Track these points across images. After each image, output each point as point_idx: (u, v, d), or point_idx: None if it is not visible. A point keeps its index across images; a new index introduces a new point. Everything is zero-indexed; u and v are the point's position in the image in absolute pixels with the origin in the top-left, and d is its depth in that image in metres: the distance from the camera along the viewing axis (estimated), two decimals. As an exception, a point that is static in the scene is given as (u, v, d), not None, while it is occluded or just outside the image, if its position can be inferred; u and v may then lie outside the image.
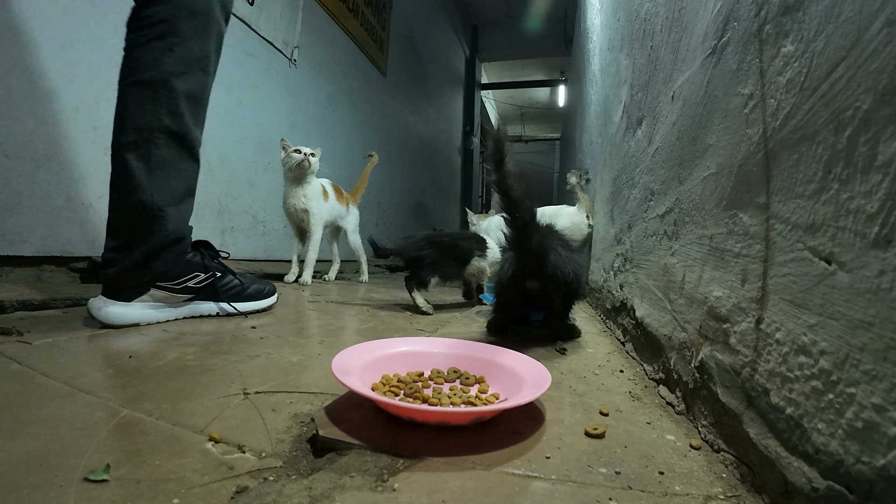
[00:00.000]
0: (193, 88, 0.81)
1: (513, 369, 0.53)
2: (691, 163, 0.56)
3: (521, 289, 0.80)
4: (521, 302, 0.84)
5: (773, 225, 0.35)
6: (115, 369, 0.56)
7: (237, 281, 0.95)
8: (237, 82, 1.82)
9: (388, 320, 1.00)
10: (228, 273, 0.94)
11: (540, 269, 0.77)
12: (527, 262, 0.77)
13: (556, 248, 0.78)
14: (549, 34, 5.01)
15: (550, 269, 0.76)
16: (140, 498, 0.30)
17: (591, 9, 2.06)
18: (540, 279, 0.78)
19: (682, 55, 0.63)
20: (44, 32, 1.04)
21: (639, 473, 0.37)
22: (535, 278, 0.78)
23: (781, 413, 0.32)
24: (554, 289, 0.78)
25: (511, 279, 0.78)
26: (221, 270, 0.92)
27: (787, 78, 0.34)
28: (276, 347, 0.70)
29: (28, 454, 0.35)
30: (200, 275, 0.87)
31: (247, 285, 0.96)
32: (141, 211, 0.78)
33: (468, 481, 0.34)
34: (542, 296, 0.80)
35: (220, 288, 0.91)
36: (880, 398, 0.23)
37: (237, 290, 0.94)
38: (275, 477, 0.34)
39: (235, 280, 0.95)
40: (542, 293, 0.79)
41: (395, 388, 0.49)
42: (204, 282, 0.88)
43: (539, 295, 0.80)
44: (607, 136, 1.36)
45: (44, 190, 1.06)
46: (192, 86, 0.80)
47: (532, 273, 0.78)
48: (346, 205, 1.88)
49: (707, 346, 0.46)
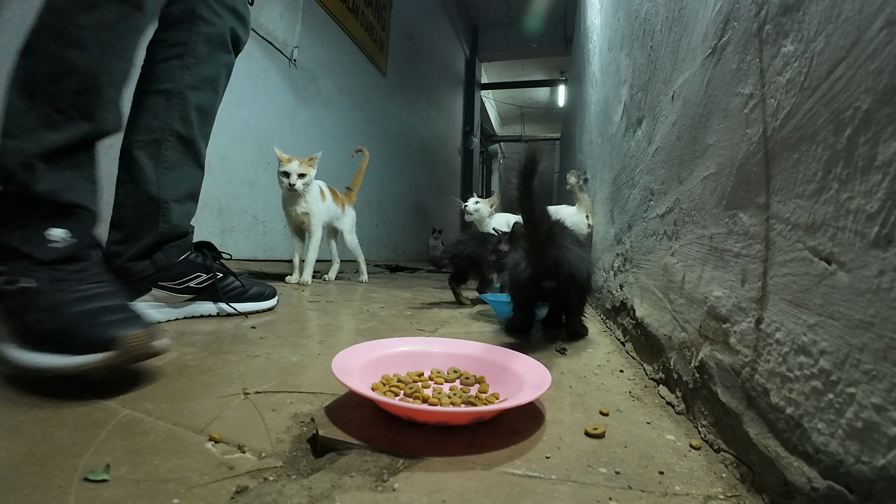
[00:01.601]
0: (204, 103, 0.87)
1: (512, 369, 0.53)
2: (691, 163, 0.56)
3: (539, 287, 0.82)
4: (537, 300, 0.88)
5: (773, 225, 0.35)
6: (115, 369, 0.56)
7: (238, 283, 0.96)
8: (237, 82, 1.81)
9: (388, 320, 1.00)
10: (230, 274, 0.95)
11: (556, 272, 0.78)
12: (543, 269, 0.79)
13: (569, 247, 0.79)
14: (549, 34, 5.01)
15: (567, 270, 0.77)
16: (140, 498, 0.30)
17: (591, 9, 2.06)
18: (556, 279, 0.79)
19: (681, 55, 0.63)
20: (44, 32, 1.04)
21: (639, 473, 0.37)
22: (552, 279, 0.80)
23: (781, 413, 0.32)
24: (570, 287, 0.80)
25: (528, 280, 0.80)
26: (223, 272, 0.93)
27: (787, 78, 0.34)
28: (276, 347, 0.70)
29: (28, 454, 0.35)
30: (202, 275, 0.88)
31: (248, 287, 0.97)
32: (147, 202, 0.81)
33: (468, 481, 0.34)
34: (558, 293, 0.82)
35: (222, 289, 0.91)
36: (880, 398, 0.23)
37: (238, 292, 0.95)
38: (275, 477, 0.34)
39: (237, 282, 0.95)
40: (558, 291, 0.81)
41: (395, 388, 0.49)
42: (205, 282, 0.89)
43: (555, 292, 0.82)
44: (607, 136, 1.36)
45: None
46: (203, 100, 0.87)
47: (548, 275, 0.79)
48: (342, 206, 1.88)
49: (707, 345, 0.46)
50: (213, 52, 0.87)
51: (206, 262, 0.90)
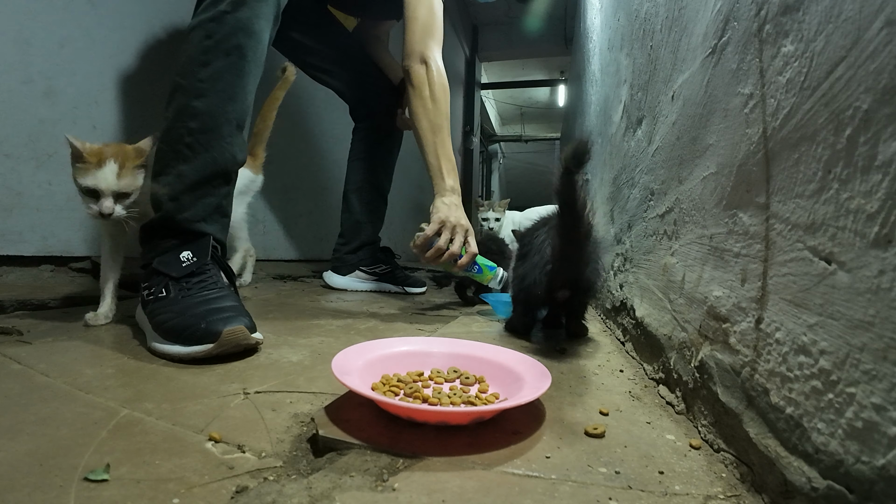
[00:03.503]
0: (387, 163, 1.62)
1: (513, 369, 0.54)
2: (691, 162, 0.56)
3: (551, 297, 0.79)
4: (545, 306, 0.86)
5: (773, 225, 0.35)
6: (115, 369, 0.56)
7: (403, 274, 1.50)
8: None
9: (388, 320, 1.00)
10: (398, 268, 1.52)
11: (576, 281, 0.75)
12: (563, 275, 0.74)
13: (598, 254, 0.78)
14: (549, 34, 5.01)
15: (585, 284, 0.76)
16: (140, 498, 0.30)
17: (591, 9, 2.06)
18: (572, 290, 0.77)
19: (681, 55, 0.63)
20: (44, 32, 1.04)
21: (639, 473, 0.37)
22: (567, 288, 0.77)
23: (781, 413, 0.32)
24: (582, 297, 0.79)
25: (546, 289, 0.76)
26: (397, 266, 1.51)
27: (787, 78, 0.34)
28: (275, 347, 0.70)
29: (28, 454, 0.35)
30: (383, 266, 1.50)
31: (408, 277, 1.50)
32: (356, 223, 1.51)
33: (468, 481, 0.34)
34: (567, 302, 0.80)
35: (395, 276, 1.48)
36: (880, 398, 0.23)
37: (402, 278, 1.48)
38: (275, 477, 0.34)
39: (403, 273, 1.51)
40: (569, 300, 0.79)
41: (394, 388, 0.49)
42: (385, 270, 1.49)
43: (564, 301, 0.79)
44: (607, 136, 1.36)
45: (44, 190, 1.05)
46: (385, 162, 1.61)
47: (564, 285, 0.76)
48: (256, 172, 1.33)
49: (707, 345, 0.46)
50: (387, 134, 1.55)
51: (386, 259, 1.50)
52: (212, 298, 0.66)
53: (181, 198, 0.75)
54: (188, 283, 0.68)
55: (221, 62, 0.77)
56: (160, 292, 0.68)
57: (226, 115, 0.77)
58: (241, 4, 0.78)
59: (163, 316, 0.64)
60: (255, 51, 0.80)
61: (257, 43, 0.80)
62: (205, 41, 0.77)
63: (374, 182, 1.53)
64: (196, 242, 0.73)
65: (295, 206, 2.03)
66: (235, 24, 0.77)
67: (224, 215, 0.81)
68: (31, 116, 1.03)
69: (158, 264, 0.70)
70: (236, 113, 0.79)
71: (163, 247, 0.73)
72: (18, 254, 1.03)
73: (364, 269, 1.50)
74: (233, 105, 0.78)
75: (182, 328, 0.61)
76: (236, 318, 0.63)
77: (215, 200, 0.78)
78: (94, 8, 1.15)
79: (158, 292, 0.68)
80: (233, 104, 0.78)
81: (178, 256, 0.70)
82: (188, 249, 0.71)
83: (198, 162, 0.75)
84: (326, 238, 2.14)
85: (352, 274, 1.49)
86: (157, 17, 1.30)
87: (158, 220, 0.75)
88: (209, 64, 0.76)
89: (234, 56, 0.77)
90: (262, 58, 0.83)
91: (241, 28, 0.78)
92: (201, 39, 0.77)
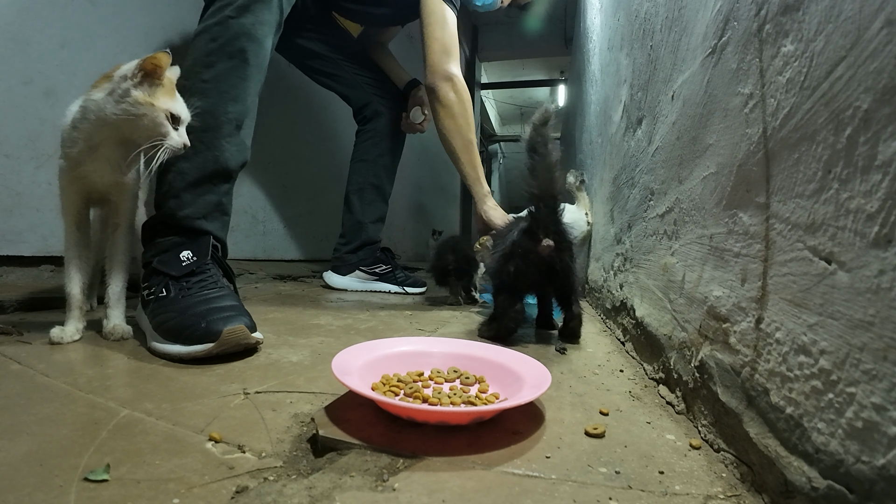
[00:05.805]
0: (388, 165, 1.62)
1: (513, 369, 0.53)
2: (691, 162, 0.56)
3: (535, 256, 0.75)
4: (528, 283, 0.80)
5: (773, 224, 0.35)
6: (115, 369, 0.56)
7: (404, 274, 1.53)
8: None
9: (387, 320, 1.00)
10: (398, 268, 1.54)
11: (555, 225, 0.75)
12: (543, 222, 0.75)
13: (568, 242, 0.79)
14: (549, 34, 5.01)
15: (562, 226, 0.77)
16: (140, 498, 0.30)
17: (591, 8, 2.06)
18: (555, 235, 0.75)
19: (681, 55, 0.63)
20: (44, 32, 1.04)
21: (639, 473, 0.37)
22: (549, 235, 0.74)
23: (781, 412, 0.32)
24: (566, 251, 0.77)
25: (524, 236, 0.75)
26: (397, 266, 1.54)
27: (786, 77, 0.34)
28: (275, 347, 0.70)
29: (28, 454, 0.35)
30: (383, 266, 1.52)
31: (409, 277, 1.52)
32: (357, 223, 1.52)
33: (468, 481, 0.34)
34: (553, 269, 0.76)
35: (394, 276, 1.51)
36: (880, 398, 0.23)
37: (402, 279, 1.51)
38: (275, 477, 0.34)
39: (403, 273, 1.53)
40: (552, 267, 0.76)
41: (395, 388, 0.49)
42: (385, 271, 1.51)
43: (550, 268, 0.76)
44: (607, 136, 1.36)
45: (44, 190, 1.05)
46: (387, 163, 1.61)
47: (546, 231, 0.74)
48: None
49: (707, 345, 0.46)
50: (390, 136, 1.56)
51: (386, 259, 1.53)
52: (212, 298, 0.66)
53: (182, 195, 0.76)
54: (188, 283, 0.68)
55: (224, 64, 0.79)
56: (160, 292, 0.68)
57: (227, 115, 0.79)
58: (245, 10, 0.80)
59: (163, 316, 0.64)
60: (257, 55, 0.83)
61: (260, 48, 0.83)
62: (209, 44, 0.80)
63: (377, 184, 1.56)
64: (196, 241, 0.74)
65: (295, 206, 2.03)
66: (239, 28, 0.80)
67: (224, 213, 0.82)
68: (31, 116, 1.03)
69: (158, 264, 0.71)
70: (237, 114, 0.81)
71: (163, 246, 0.74)
72: (18, 254, 1.03)
73: (364, 269, 1.51)
74: (234, 106, 0.80)
75: (182, 328, 0.61)
76: (236, 317, 0.63)
77: (216, 198, 0.80)
78: (94, 8, 1.15)
79: (159, 292, 0.68)
80: (234, 105, 0.80)
81: (178, 256, 0.71)
82: (188, 249, 0.72)
83: (199, 160, 0.77)
84: (326, 238, 2.14)
85: (352, 274, 1.51)
86: (157, 17, 1.31)
87: (159, 218, 0.77)
88: (212, 66, 0.79)
89: (237, 59, 0.80)
90: (265, 63, 0.85)
91: (244, 33, 0.81)
92: (206, 42, 0.80)
